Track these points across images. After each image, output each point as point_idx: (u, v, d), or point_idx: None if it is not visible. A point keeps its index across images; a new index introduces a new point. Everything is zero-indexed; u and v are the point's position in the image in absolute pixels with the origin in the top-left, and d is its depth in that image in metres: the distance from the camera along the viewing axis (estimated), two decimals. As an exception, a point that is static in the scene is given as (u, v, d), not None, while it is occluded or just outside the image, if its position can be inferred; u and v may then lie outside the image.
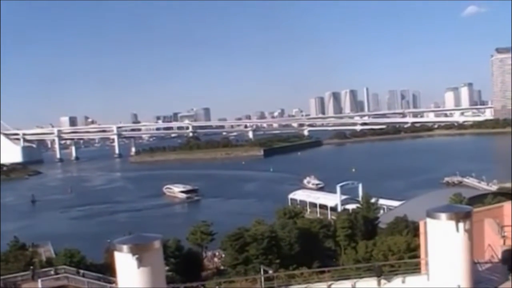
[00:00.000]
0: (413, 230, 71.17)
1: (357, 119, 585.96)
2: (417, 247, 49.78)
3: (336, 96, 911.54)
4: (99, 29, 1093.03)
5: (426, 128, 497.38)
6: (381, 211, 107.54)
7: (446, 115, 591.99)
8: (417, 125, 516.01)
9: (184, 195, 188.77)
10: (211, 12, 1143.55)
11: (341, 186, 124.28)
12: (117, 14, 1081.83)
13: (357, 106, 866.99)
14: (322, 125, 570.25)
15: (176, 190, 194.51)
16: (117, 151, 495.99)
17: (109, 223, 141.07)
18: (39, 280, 61.72)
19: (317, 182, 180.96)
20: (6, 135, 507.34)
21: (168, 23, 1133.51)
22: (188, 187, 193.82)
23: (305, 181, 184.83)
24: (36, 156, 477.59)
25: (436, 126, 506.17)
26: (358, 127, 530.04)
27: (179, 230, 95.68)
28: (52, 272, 66.16)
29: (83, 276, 65.17)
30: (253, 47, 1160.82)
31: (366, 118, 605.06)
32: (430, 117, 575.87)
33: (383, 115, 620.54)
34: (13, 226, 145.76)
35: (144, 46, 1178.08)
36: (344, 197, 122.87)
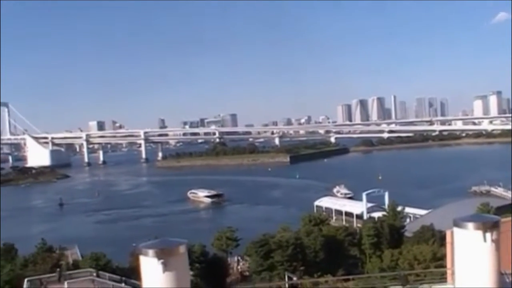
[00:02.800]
0: (440, 239, 70.45)
1: (384, 127, 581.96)
2: (443, 257, 49.31)
3: (363, 104, 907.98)
4: (125, 34, 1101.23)
5: (454, 136, 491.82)
6: (408, 220, 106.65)
7: (474, 124, 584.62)
8: (445, 133, 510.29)
9: (209, 200, 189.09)
10: (237, 18, 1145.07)
11: (367, 194, 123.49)
12: (142, 19, 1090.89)
13: (384, 113, 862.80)
14: (349, 132, 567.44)
15: (201, 195, 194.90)
16: (144, 156, 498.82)
17: (134, 228, 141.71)
18: (65, 282, 62.34)
19: (346, 191, 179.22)
20: (35, 138, 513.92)
21: (194, 29, 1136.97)
22: (213, 192, 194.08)
23: (334, 190, 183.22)
24: (64, 159, 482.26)
25: (464, 134, 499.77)
26: (385, 135, 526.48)
27: (204, 236, 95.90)
28: (78, 275, 66.78)
29: (108, 279, 65.55)
30: (280, 54, 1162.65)
31: (393, 125, 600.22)
32: (458, 125, 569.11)
33: (411, 123, 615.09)
34: (41, 228, 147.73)
35: (171, 51, 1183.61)
36: (370, 204, 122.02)
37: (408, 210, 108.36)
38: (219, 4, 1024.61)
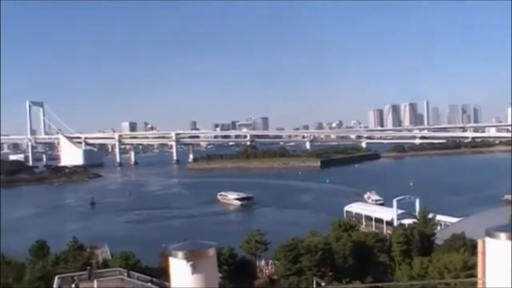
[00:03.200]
0: (471, 248, 69.62)
1: (416, 133, 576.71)
2: (474, 266, 48.66)
3: (395, 109, 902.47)
4: (157, 34, 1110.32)
5: (487, 143, 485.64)
6: (438, 227, 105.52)
7: (508, 131, 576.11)
8: (478, 140, 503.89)
9: (238, 203, 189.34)
10: (266, 20, 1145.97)
11: (397, 200, 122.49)
12: (172, 20, 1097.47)
13: (416, 119, 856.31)
14: (380, 138, 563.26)
15: (231, 197, 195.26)
16: (175, 157, 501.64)
17: (164, 228, 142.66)
18: (95, 281, 63.05)
19: (377, 197, 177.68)
20: (69, 138, 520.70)
21: (223, 30, 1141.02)
22: (243, 195, 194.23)
23: (365, 196, 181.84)
24: (96, 159, 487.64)
25: (497, 141, 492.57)
26: (417, 141, 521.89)
27: (233, 238, 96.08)
28: (108, 274, 67.46)
29: (137, 278, 66.05)
30: (312, 57, 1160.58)
31: (425, 131, 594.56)
32: (491, 132, 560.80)
33: (443, 129, 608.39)
34: (72, 227, 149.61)
35: (203, 53, 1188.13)
36: (400, 211, 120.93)
37: (439, 217, 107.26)
38: (244, 4, 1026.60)
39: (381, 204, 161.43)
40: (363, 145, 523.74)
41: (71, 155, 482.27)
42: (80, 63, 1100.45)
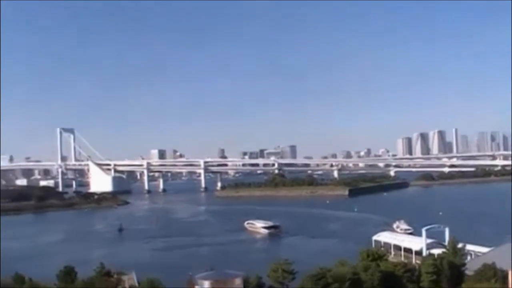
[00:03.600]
0: (502, 278, 68.40)
1: (445, 161, 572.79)
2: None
3: (424, 137, 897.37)
4: (187, 64, 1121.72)
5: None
6: (468, 257, 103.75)
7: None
8: (508, 168, 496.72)
9: (266, 231, 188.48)
10: (298, 50, 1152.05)
11: (426, 230, 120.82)
12: (200, 50, 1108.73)
13: (445, 147, 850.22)
14: (409, 166, 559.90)
15: (258, 226, 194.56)
16: (203, 185, 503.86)
17: (191, 256, 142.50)
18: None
19: (406, 227, 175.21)
20: (99, 165, 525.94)
21: (253, 59, 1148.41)
22: (270, 223, 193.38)
23: (394, 225, 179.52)
24: (125, 186, 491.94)
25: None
26: (446, 169, 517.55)
27: (260, 267, 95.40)
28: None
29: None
30: (340, 86, 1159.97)
31: (454, 159, 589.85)
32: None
33: (472, 157, 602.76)
34: (100, 252, 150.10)
35: (231, 82, 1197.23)
36: (429, 240, 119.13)
37: (469, 247, 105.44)
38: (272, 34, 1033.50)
39: (410, 234, 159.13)
40: (392, 173, 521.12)
41: (100, 182, 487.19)
42: (110, 91, 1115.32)
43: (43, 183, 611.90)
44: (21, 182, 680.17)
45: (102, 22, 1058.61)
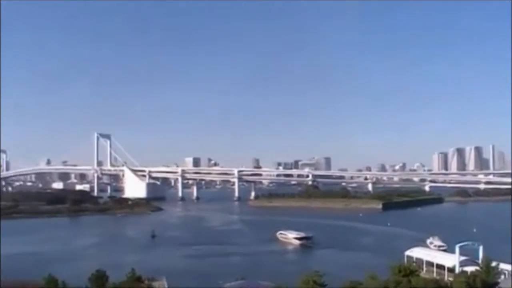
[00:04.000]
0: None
1: (481, 177, 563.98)
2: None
3: (460, 152, 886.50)
4: (223, 72, 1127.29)
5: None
6: (502, 276, 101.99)
7: None
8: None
9: (297, 242, 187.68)
10: (337, 57, 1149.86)
11: (460, 246, 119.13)
12: (234, 58, 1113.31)
13: (481, 163, 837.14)
14: (444, 182, 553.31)
15: (290, 236, 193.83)
16: (236, 194, 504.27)
17: (222, 264, 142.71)
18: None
19: (440, 243, 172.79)
20: (134, 171, 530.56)
21: (290, 68, 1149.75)
22: (302, 234, 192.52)
23: (427, 241, 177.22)
24: (159, 193, 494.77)
25: None
26: (482, 186, 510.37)
27: (290, 277, 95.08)
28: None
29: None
30: (376, 99, 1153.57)
31: (490, 176, 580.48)
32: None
33: (509, 174, 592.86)
34: (132, 258, 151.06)
35: (267, 91, 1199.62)
36: (462, 258, 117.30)
37: (503, 266, 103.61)
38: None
39: (444, 251, 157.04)
40: (426, 188, 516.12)
41: (134, 188, 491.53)
42: (147, 97, 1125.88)
43: (78, 187, 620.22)
44: (58, 185, 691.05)
45: (141, 28, 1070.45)
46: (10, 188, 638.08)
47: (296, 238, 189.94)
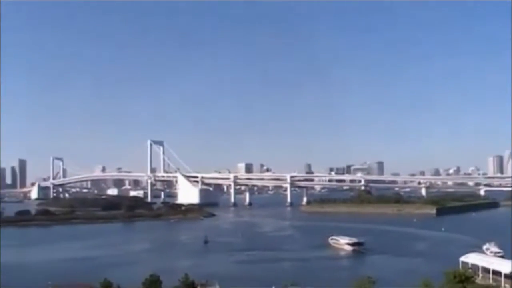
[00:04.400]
0: None
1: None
2: None
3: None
4: (275, 80, 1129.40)
5: None
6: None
7: None
8: None
9: (349, 248, 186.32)
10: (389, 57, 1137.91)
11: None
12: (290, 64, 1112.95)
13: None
14: (500, 185, 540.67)
15: (342, 242, 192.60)
16: (289, 199, 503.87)
17: (274, 270, 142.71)
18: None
19: (497, 250, 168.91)
20: (186, 177, 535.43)
21: (342, 74, 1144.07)
22: (354, 240, 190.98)
23: (483, 248, 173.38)
24: (212, 199, 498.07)
25: None
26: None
27: (341, 284, 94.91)
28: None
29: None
30: (429, 101, 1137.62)
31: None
32: None
33: None
34: (185, 263, 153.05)
35: (316, 97, 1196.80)
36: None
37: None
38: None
39: (501, 257, 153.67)
40: (482, 192, 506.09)
41: (187, 194, 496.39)
42: (199, 104, 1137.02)
43: (133, 193, 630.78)
44: (112, 191, 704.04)
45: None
46: (67, 195, 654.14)
47: (348, 244, 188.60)
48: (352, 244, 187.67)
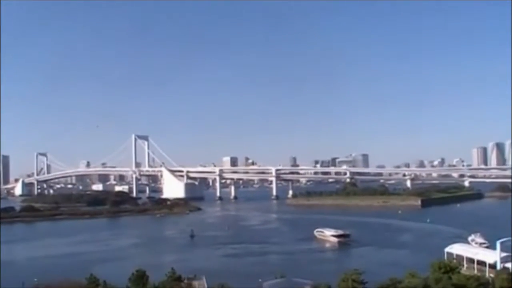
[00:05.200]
0: None
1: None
2: None
3: (500, 147, 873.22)
4: (259, 72, 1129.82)
5: None
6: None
7: None
8: None
9: (335, 239, 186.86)
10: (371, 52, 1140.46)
11: (501, 243, 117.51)
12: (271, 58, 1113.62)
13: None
14: (484, 177, 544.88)
15: (328, 234, 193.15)
16: (274, 193, 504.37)
17: (260, 263, 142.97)
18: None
19: (482, 241, 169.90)
20: (171, 171, 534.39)
21: (326, 66, 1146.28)
22: (340, 232, 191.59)
23: (469, 239, 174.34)
24: (197, 193, 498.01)
25: None
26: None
27: (328, 275, 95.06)
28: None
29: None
30: (412, 94, 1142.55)
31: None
32: None
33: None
34: (171, 258, 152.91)
35: (300, 89, 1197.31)
36: (504, 254, 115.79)
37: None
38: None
39: (487, 248, 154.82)
40: (466, 184, 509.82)
41: (173, 188, 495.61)
42: (184, 98, 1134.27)
43: (118, 188, 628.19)
44: (97, 187, 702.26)
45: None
46: (51, 191, 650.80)
47: (334, 236, 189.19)
48: (338, 236, 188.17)
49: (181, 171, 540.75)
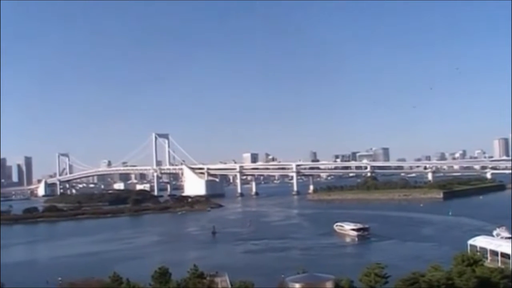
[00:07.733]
0: None
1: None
2: None
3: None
4: (281, 71, 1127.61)
5: None
6: None
7: None
8: None
9: (355, 233, 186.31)
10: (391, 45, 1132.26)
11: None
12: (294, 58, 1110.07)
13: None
14: (506, 168, 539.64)
15: (347, 228, 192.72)
16: (295, 188, 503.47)
17: (282, 259, 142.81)
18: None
19: (508, 235, 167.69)
20: (192, 169, 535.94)
21: (344, 62, 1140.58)
22: (359, 225, 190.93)
23: (494, 233, 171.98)
24: (218, 190, 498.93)
25: None
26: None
27: (350, 270, 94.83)
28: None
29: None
30: (432, 85, 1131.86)
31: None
32: None
33: None
34: (193, 255, 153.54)
35: (320, 84, 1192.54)
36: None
37: None
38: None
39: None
40: (488, 176, 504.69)
41: (194, 186, 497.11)
42: (203, 95, 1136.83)
43: (139, 187, 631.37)
44: (119, 186, 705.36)
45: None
46: (73, 191, 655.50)
47: (353, 229, 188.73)
48: (357, 230, 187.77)
49: (202, 169, 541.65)
